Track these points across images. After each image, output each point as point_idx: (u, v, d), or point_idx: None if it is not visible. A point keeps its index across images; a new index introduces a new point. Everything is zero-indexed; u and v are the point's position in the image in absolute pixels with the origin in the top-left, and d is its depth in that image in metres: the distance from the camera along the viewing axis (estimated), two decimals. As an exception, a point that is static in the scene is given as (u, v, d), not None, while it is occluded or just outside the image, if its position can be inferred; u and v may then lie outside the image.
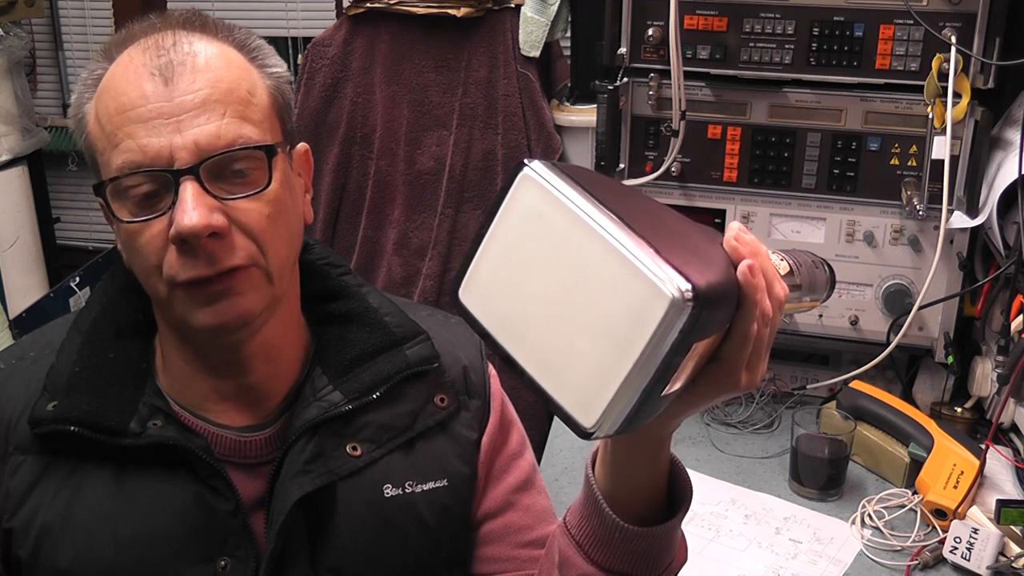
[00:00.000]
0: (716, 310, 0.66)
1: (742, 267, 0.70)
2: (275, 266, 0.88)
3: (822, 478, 1.51)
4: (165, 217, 0.83)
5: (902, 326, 1.60)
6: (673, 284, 0.60)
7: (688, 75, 1.63)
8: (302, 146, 0.96)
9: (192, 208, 0.81)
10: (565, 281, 0.64)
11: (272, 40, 0.95)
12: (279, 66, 0.93)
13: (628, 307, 0.62)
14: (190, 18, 0.89)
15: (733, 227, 0.72)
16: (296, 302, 0.98)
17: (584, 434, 0.64)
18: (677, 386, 0.68)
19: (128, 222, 0.84)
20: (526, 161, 0.67)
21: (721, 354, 0.73)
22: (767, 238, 1.69)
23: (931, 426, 1.52)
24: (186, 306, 0.86)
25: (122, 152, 0.83)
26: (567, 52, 2.19)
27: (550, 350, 0.65)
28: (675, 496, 0.85)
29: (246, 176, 0.85)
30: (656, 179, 1.69)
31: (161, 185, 0.83)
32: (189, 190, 0.82)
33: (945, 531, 1.36)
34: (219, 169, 0.84)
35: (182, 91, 0.83)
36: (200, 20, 0.90)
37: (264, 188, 0.86)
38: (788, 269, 0.81)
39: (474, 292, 0.69)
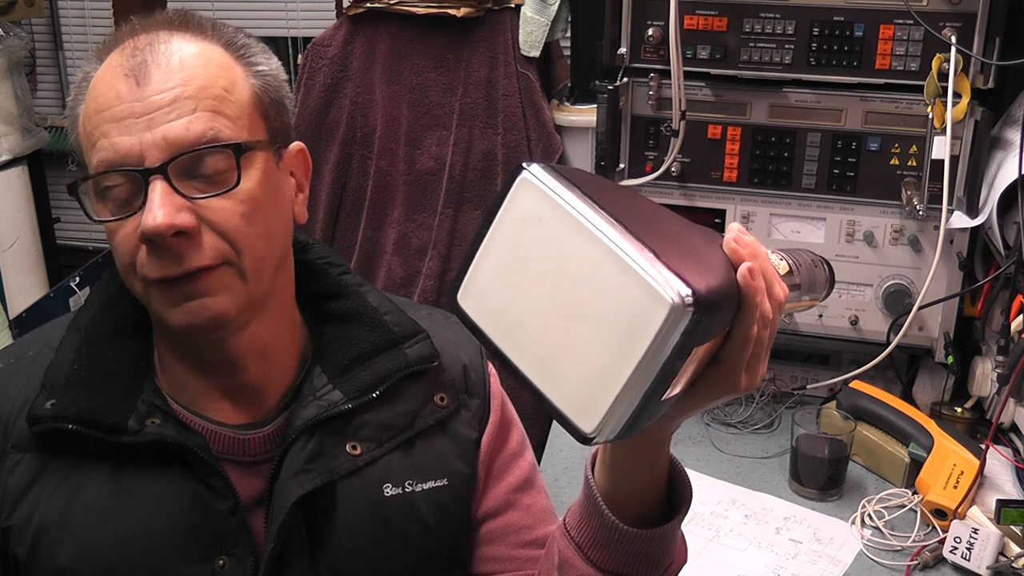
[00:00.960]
0: (716, 314, 0.66)
1: (742, 270, 0.70)
2: (250, 264, 0.87)
3: (822, 478, 1.51)
4: (138, 216, 0.84)
5: (902, 326, 1.60)
6: (673, 289, 0.60)
7: (688, 75, 1.63)
8: (296, 145, 0.95)
9: (157, 207, 0.82)
10: (564, 285, 0.64)
11: (272, 40, 0.95)
12: (268, 64, 0.92)
13: (628, 312, 0.61)
14: (172, 18, 0.90)
15: (732, 229, 0.72)
16: (290, 301, 0.98)
17: (584, 439, 0.64)
18: (677, 390, 0.68)
19: (102, 221, 0.86)
20: (524, 164, 0.66)
21: (721, 356, 0.72)
22: (767, 238, 1.69)
23: (931, 426, 1.52)
24: (160, 305, 0.87)
25: (98, 151, 0.84)
26: (567, 52, 2.19)
27: (549, 355, 0.65)
28: (675, 497, 0.85)
29: (217, 175, 0.85)
30: (656, 179, 1.69)
31: (134, 184, 0.84)
32: (157, 189, 0.82)
33: (945, 531, 1.36)
34: (189, 168, 0.84)
35: (154, 91, 0.84)
36: (182, 19, 0.90)
37: (233, 187, 0.85)
38: (788, 269, 0.81)
39: (472, 296, 0.69)
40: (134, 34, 0.88)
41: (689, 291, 0.60)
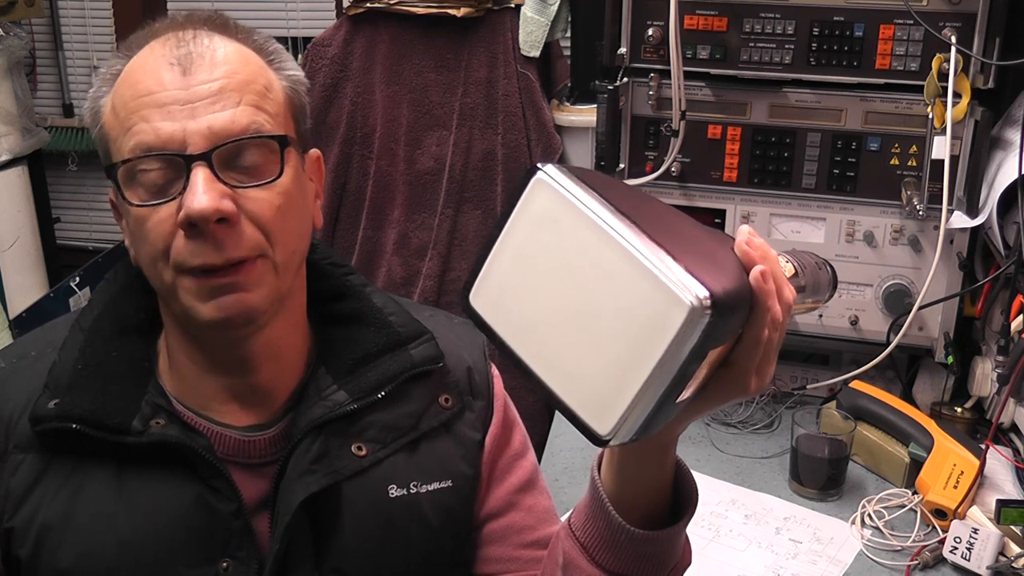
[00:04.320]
0: (732, 317, 0.66)
1: (754, 273, 0.70)
2: (282, 258, 0.88)
3: (822, 478, 1.51)
4: (175, 202, 0.84)
5: (902, 326, 1.60)
6: (691, 292, 0.60)
7: (688, 75, 1.63)
8: (314, 152, 0.97)
9: (202, 192, 0.82)
10: (580, 286, 0.63)
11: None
12: (296, 70, 0.94)
13: (646, 314, 0.61)
14: (212, 18, 0.91)
15: (743, 231, 0.72)
16: (302, 302, 0.98)
17: (599, 441, 0.64)
18: (690, 392, 0.68)
19: (138, 205, 0.85)
20: (539, 165, 0.66)
21: (732, 359, 0.73)
22: (767, 238, 1.68)
23: (931, 426, 1.52)
24: (191, 297, 0.86)
25: (135, 135, 0.84)
26: (567, 52, 2.19)
27: (564, 356, 0.64)
28: (680, 499, 0.85)
29: (258, 166, 0.86)
30: (656, 179, 1.70)
31: (173, 170, 0.84)
32: (200, 175, 0.82)
33: (945, 531, 1.36)
34: (231, 157, 0.84)
35: (199, 81, 0.84)
36: (221, 20, 0.91)
37: (276, 178, 0.86)
38: (793, 271, 0.81)
39: (486, 297, 0.68)
40: (175, 27, 0.89)
41: (707, 293, 0.60)
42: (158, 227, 0.84)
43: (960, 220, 1.55)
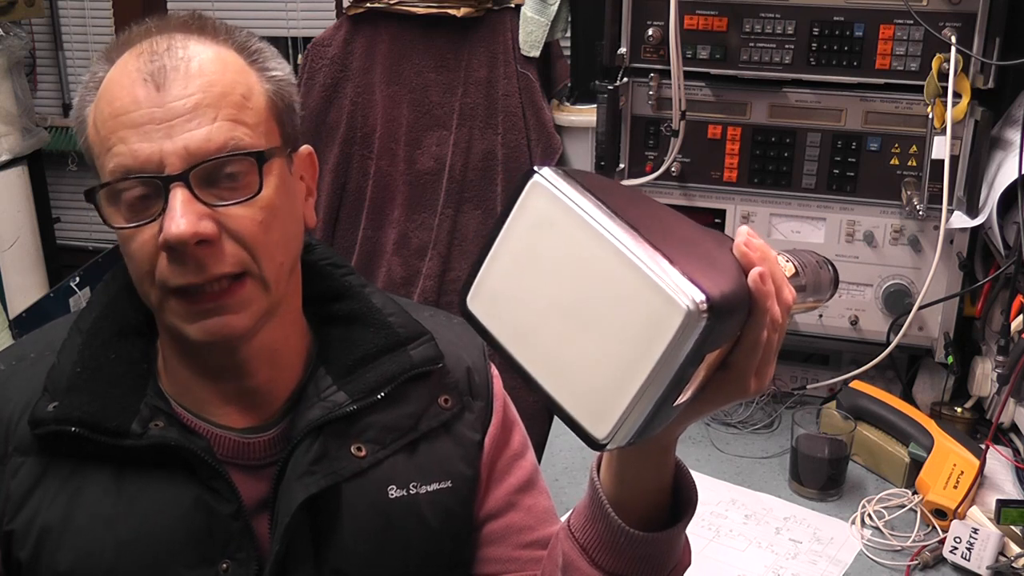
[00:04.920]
0: (730, 319, 0.66)
1: (753, 274, 0.70)
2: (270, 273, 0.87)
3: (822, 478, 1.51)
4: (156, 223, 0.83)
5: (902, 326, 1.60)
6: (688, 296, 0.60)
7: (688, 75, 1.63)
8: (305, 148, 0.96)
9: (180, 216, 0.81)
10: (577, 290, 0.63)
11: (272, 40, 0.94)
12: (280, 69, 0.92)
13: (642, 318, 0.61)
14: (188, 21, 0.89)
15: (742, 232, 0.72)
16: (297, 304, 0.98)
17: (597, 445, 0.64)
18: (688, 395, 0.68)
19: (120, 228, 0.85)
20: (536, 168, 0.66)
21: (731, 361, 0.72)
22: (767, 238, 1.68)
23: (931, 426, 1.52)
24: (177, 318, 0.86)
25: (114, 156, 0.83)
26: (567, 52, 2.19)
27: (561, 360, 0.64)
28: (680, 500, 0.85)
29: (238, 182, 0.85)
30: (656, 179, 1.70)
31: (152, 191, 0.83)
32: (178, 197, 0.82)
33: (945, 531, 1.36)
34: (210, 175, 0.83)
35: (174, 96, 0.83)
36: (198, 23, 0.89)
37: (255, 195, 0.85)
38: (794, 271, 0.81)
39: (483, 300, 0.68)
40: (149, 35, 0.87)
41: (704, 297, 0.60)
42: (141, 249, 0.84)
43: (960, 220, 1.55)
